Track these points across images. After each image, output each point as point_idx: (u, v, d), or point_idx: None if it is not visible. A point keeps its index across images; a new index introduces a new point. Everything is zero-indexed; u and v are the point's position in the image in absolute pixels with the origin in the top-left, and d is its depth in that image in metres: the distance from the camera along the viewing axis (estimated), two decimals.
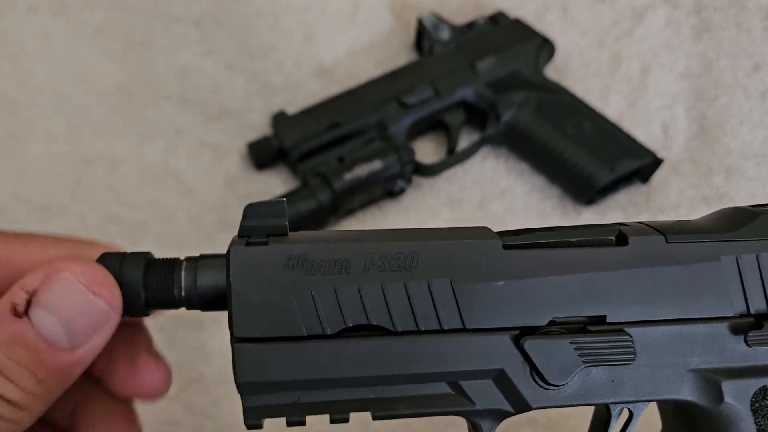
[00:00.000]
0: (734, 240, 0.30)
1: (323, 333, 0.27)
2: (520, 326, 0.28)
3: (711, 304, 0.29)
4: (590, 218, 0.68)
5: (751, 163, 0.70)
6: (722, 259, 0.30)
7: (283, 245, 0.28)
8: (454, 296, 0.28)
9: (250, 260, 0.27)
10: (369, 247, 0.28)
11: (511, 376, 0.28)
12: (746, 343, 0.29)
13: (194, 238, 0.68)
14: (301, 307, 0.27)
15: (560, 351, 0.28)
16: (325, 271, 0.27)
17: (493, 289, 0.28)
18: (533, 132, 0.68)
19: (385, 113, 0.69)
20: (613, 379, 0.29)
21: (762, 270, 0.30)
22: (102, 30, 0.79)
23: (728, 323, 0.30)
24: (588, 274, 0.29)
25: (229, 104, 0.75)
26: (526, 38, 0.73)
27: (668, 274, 0.29)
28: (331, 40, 0.79)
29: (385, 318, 0.27)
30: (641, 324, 0.29)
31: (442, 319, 0.28)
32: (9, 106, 0.74)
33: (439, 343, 0.28)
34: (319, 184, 0.65)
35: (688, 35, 0.78)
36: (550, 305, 0.29)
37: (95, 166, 0.71)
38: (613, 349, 0.28)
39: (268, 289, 0.27)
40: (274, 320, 0.27)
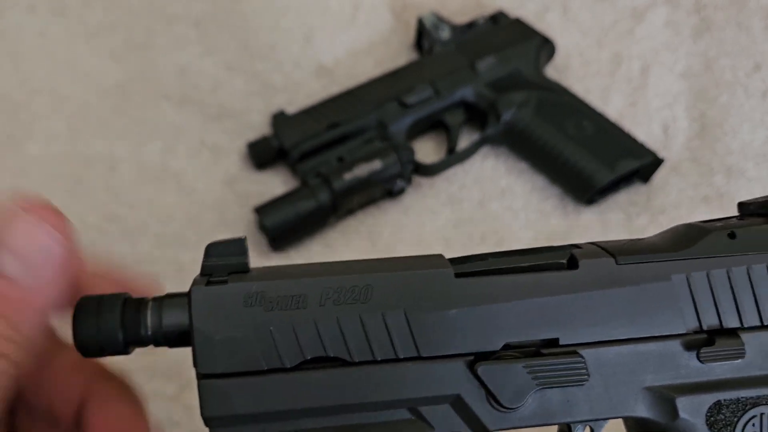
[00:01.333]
0: (684, 258, 0.31)
1: (283, 366, 0.28)
2: (474, 352, 0.29)
3: (663, 323, 0.30)
4: (590, 218, 0.68)
5: (752, 162, 0.70)
6: (672, 278, 0.30)
7: (242, 283, 0.29)
8: (408, 326, 0.29)
9: (210, 299, 0.28)
10: (324, 282, 0.29)
11: (468, 401, 0.29)
12: (699, 359, 0.30)
13: (193, 238, 0.68)
14: (261, 343, 0.28)
15: (513, 375, 0.29)
16: (282, 306, 0.28)
17: (446, 317, 0.29)
18: (533, 132, 0.68)
19: (385, 113, 0.69)
20: (568, 399, 0.30)
21: (712, 287, 0.30)
22: (101, 30, 0.79)
23: (681, 340, 0.30)
24: (539, 298, 0.29)
25: (229, 104, 0.75)
26: (527, 38, 0.73)
27: (619, 295, 0.30)
28: (331, 40, 0.79)
29: (342, 349, 0.28)
30: (594, 345, 0.30)
31: (398, 348, 0.29)
32: (8, 106, 0.74)
33: (395, 372, 0.29)
34: (319, 183, 0.65)
35: (689, 35, 0.78)
36: (503, 330, 0.29)
37: (95, 166, 0.71)
38: (566, 370, 0.29)
39: (228, 327, 0.28)
40: (236, 356, 0.28)
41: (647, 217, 0.68)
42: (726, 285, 0.31)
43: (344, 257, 0.66)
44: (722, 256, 0.31)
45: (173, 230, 0.68)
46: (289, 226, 0.64)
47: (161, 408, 0.60)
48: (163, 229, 0.68)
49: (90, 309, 0.30)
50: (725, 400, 0.30)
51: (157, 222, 0.68)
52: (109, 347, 0.29)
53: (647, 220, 0.68)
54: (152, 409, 0.60)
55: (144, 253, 0.67)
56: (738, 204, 0.34)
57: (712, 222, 0.33)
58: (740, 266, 0.31)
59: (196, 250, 0.70)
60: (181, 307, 0.29)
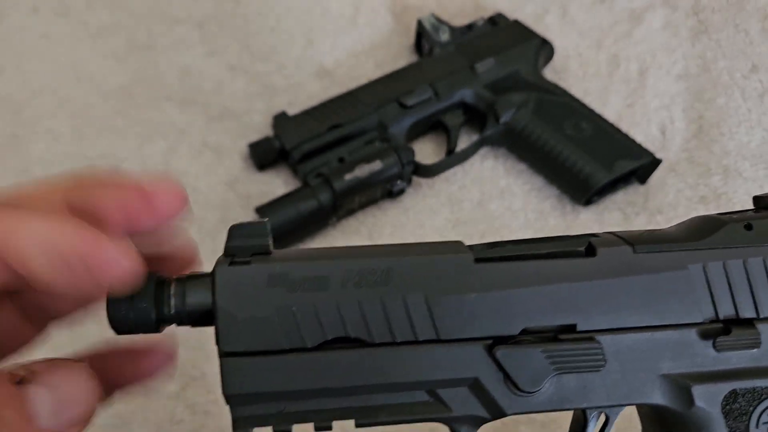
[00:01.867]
0: (701, 249, 0.31)
1: (304, 346, 0.28)
2: (492, 336, 0.30)
3: (680, 311, 0.30)
4: (588, 218, 0.69)
5: (749, 163, 0.71)
6: (689, 267, 0.30)
7: (266, 264, 0.29)
8: (428, 309, 0.29)
9: (234, 279, 0.29)
10: (346, 264, 0.29)
11: (486, 384, 0.29)
12: (715, 348, 0.30)
13: (196, 238, 0.68)
14: (283, 322, 0.28)
15: (531, 359, 0.29)
16: (305, 287, 0.29)
17: (466, 301, 0.29)
18: (532, 132, 0.68)
19: (385, 114, 0.70)
20: (585, 385, 0.30)
21: (729, 277, 0.31)
22: (104, 31, 0.79)
23: (697, 329, 0.30)
24: (558, 284, 0.30)
25: (231, 105, 0.75)
26: (525, 39, 0.74)
27: (636, 283, 0.30)
28: (331, 42, 0.79)
29: (363, 331, 0.29)
30: (611, 332, 0.30)
31: (417, 331, 0.29)
32: (11, 107, 0.75)
33: (414, 354, 0.29)
34: (320, 184, 0.66)
35: (686, 36, 0.79)
36: (522, 315, 0.30)
37: (97, 167, 0.72)
38: (584, 356, 0.29)
39: (251, 306, 0.28)
40: (258, 335, 0.28)
41: (645, 218, 0.68)
42: (742, 275, 0.31)
43: None
44: (739, 247, 0.31)
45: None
46: (291, 226, 0.65)
47: (163, 406, 0.60)
48: None
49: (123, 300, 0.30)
50: (741, 390, 0.31)
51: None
52: (141, 327, 0.30)
53: (645, 221, 0.68)
54: (154, 407, 0.61)
55: None
56: (753, 198, 0.34)
57: (729, 214, 0.33)
58: (757, 257, 0.31)
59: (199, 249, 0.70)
60: (205, 286, 0.29)
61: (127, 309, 0.29)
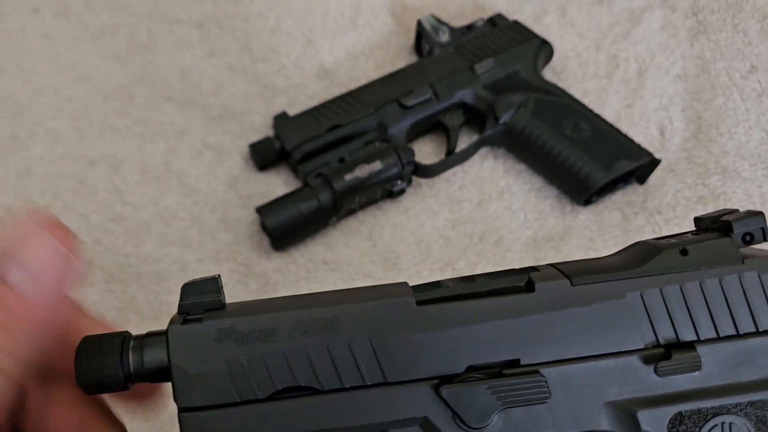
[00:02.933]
0: (638, 276, 0.31)
1: (256, 397, 0.29)
2: (438, 375, 0.30)
3: (621, 339, 0.31)
4: (588, 218, 0.69)
5: (748, 163, 0.71)
6: (627, 295, 0.31)
7: (215, 320, 0.30)
8: (374, 352, 0.30)
9: (186, 336, 0.30)
10: (293, 315, 0.30)
11: (436, 423, 0.30)
12: (657, 373, 0.30)
13: (196, 238, 0.68)
14: (234, 375, 0.29)
15: (477, 396, 0.30)
16: (253, 340, 0.30)
17: (410, 343, 0.30)
18: (531, 133, 0.69)
19: (385, 115, 0.70)
20: (532, 418, 0.30)
21: (666, 302, 0.31)
22: (104, 32, 0.80)
23: (639, 355, 0.31)
24: (499, 321, 0.31)
25: (231, 105, 0.76)
26: (525, 40, 0.74)
27: (576, 314, 0.31)
28: (331, 43, 0.79)
29: (312, 379, 0.30)
30: (554, 363, 0.31)
31: (365, 375, 0.30)
32: (12, 107, 0.75)
33: (364, 398, 0.30)
34: (320, 184, 0.66)
35: (685, 37, 0.79)
36: (466, 353, 0.30)
37: (98, 167, 0.72)
38: (529, 389, 0.30)
39: (203, 361, 0.29)
40: (212, 389, 0.29)
41: (644, 218, 0.69)
42: (680, 300, 0.31)
43: (345, 257, 0.67)
44: (675, 272, 0.32)
45: (176, 230, 0.69)
46: (291, 227, 0.65)
47: (164, 405, 0.60)
48: (166, 229, 0.69)
49: (92, 349, 0.31)
50: (686, 411, 0.31)
51: (161, 222, 0.69)
52: (111, 385, 0.31)
53: (644, 221, 0.68)
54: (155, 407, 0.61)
55: (147, 252, 0.67)
56: (694, 219, 0.35)
57: (668, 238, 0.34)
58: (693, 281, 0.31)
59: (200, 250, 0.71)
60: (161, 345, 0.30)
61: (96, 368, 0.30)
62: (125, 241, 0.68)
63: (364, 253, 0.68)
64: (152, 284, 0.66)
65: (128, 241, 0.68)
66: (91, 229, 0.69)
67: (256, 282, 0.67)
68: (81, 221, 0.69)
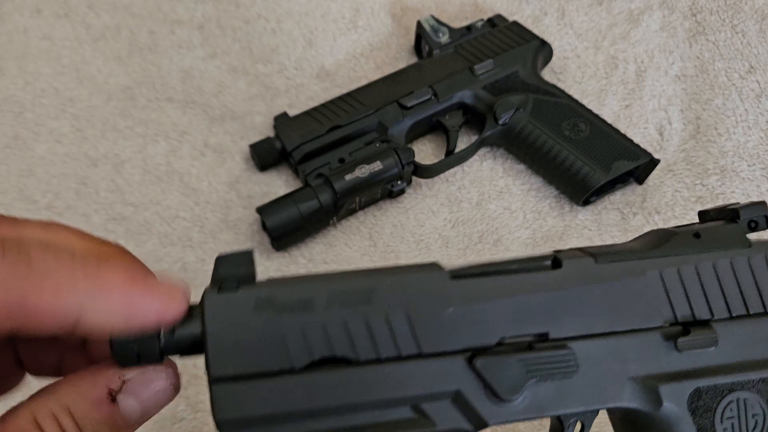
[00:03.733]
0: (656, 257, 0.33)
1: (293, 367, 0.29)
2: (471, 347, 0.31)
3: (642, 316, 0.32)
4: (586, 218, 0.69)
5: (746, 163, 0.71)
6: (647, 274, 0.33)
7: (252, 290, 0.30)
8: (410, 324, 0.30)
9: (222, 306, 0.29)
10: (330, 286, 0.30)
11: (467, 395, 0.31)
12: (676, 348, 0.32)
13: (197, 238, 0.69)
14: (271, 345, 0.29)
15: (509, 368, 0.31)
16: (292, 309, 0.29)
17: (445, 316, 0.31)
18: (530, 133, 0.69)
19: (385, 115, 0.70)
20: (559, 391, 0.31)
21: (684, 282, 0.33)
22: (106, 33, 0.80)
23: (659, 332, 0.32)
24: (529, 296, 0.32)
25: (232, 106, 0.76)
26: (524, 41, 0.74)
27: (600, 291, 0.32)
28: (332, 44, 0.80)
29: (349, 349, 0.30)
30: (581, 338, 0.32)
31: (400, 347, 0.30)
32: (14, 108, 0.75)
33: (399, 369, 0.30)
34: (321, 184, 0.66)
35: (684, 38, 0.79)
36: (498, 327, 0.31)
37: (100, 167, 0.72)
38: (558, 362, 0.31)
39: (240, 331, 0.29)
40: (247, 359, 0.29)
41: (642, 218, 0.69)
42: (695, 279, 0.33)
43: (346, 257, 0.68)
44: (690, 254, 0.33)
45: (178, 230, 0.69)
46: (291, 226, 0.65)
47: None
48: (167, 229, 0.69)
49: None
50: (704, 387, 0.32)
51: (162, 222, 0.69)
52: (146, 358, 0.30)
53: (642, 221, 0.69)
54: None
55: (149, 252, 0.68)
56: (699, 213, 0.37)
57: (683, 227, 0.35)
58: (707, 262, 0.33)
59: (201, 250, 0.71)
60: (195, 316, 0.30)
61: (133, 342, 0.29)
62: (127, 241, 0.68)
63: (364, 252, 0.69)
64: None
65: (130, 240, 0.68)
66: (93, 229, 0.69)
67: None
68: (83, 221, 0.69)
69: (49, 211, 0.70)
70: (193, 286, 0.69)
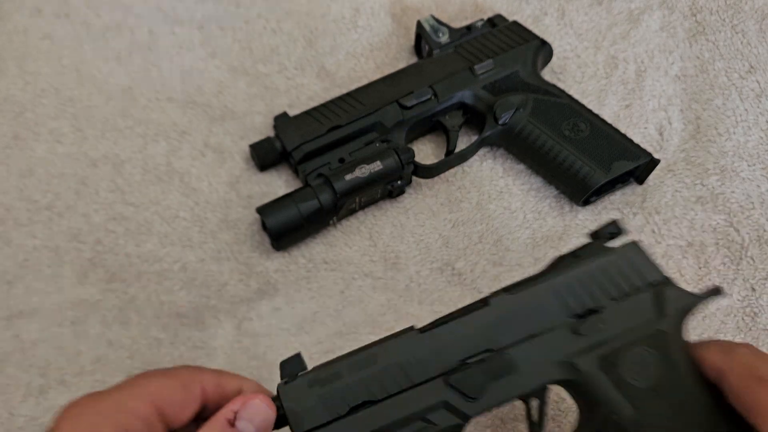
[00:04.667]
0: (551, 278, 0.48)
1: (339, 415, 0.45)
2: (444, 371, 0.46)
3: (550, 318, 0.47)
4: (586, 218, 0.69)
5: (746, 163, 0.71)
6: (546, 291, 0.47)
7: (305, 377, 0.46)
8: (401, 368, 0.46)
9: (290, 390, 0.46)
10: (349, 360, 0.46)
11: (452, 402, 0.45)
12: (580, 333, 0.46)
13: (197, 238, 0.69)
14: (324, 405, 0.45)
15: (472, 377, 0.45)
16: (330, 381, 0.45)
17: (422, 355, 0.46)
18: (530, 133, 0.69)
19: (385, 115, 0.70)
20: (510, 382, 0.46)
21: (571, 288, 0.47)
22: (107, 33, 0.80)
23: (565, 325, 0.47)
24: (473, 329, 0.47)
25: (232, 106, 0.76)
26: (524, 41, 0.74)
27: (518, 311, 0.47)
28: (332, 44, 0.80)
29: (369, 394, 0.45)
30: (513, 345, 0.46)
31: (400, 383, 0.45)
32: (14, 107, 0.75)
33: (404, 397, 0.45)
34: (321, 184, 0.66)
35: (684, 37, 0.80)
36: (456, 353, 0.46)
37: (100, 167, 0.72)
38: (503, 365, 0.46)
39: (304, 402, 0.45)
40: (312, 418, 0.45)
41: (642, 218, 0.69)
42: (579, 284, 0.48)
43: (346, 257, 0.68)
44: (573, 269, 0.48)
45: (177, 230, 0.69)
46: (291, 227, 0.66)
47: None
48: (167, 229, 0.69)
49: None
50: (606, 352, 0.46)
51: (162, 221, 0.69)
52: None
53: (642, 221, 0.69)
54: None
55: (148, 252, 0.68)
56: (590, 234, 0.51)
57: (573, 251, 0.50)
58: (583, 269, 0.48)
59: (201, 250, 0.71)
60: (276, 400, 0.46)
61: None
62: (126, 241, 0.68)
63: (365, 252, 0.69)
64: (153, 284, 0.67)
65: (129, 240, 0.68)
66: (93, 229, 0.69)
67: (256, 281, 0.67)
68: (82, 221, 0.69)
69: (49, 211, 0.70)
70: (193, 286, 0.69)
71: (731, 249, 0.67)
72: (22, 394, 0.62)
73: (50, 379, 0.63)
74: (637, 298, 0.47)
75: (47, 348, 0.64)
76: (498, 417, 0.60)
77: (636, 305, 0.46)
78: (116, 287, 0.66)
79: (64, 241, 0.68)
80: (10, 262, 0.67)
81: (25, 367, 0.63)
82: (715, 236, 0.68)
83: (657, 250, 0.67)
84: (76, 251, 0.68)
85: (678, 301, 0.46)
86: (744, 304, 0.65)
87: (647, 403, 0.44)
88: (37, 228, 0.69)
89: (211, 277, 0.67)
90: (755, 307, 0.65)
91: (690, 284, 0.66)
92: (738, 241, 0.68)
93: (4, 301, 0.66)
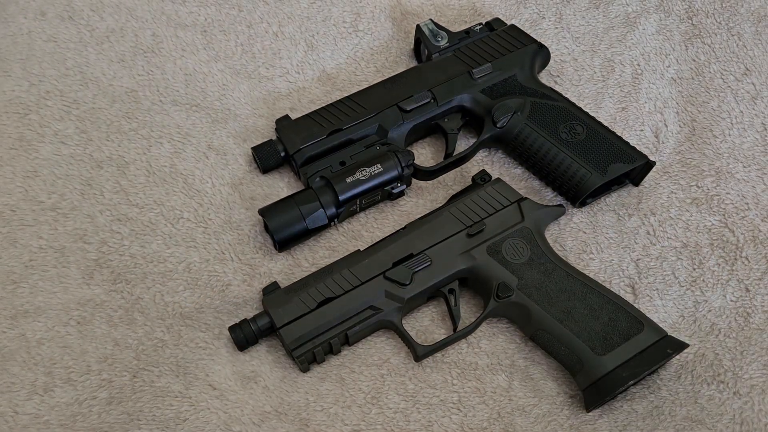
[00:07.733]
0: (449, 207, 0.68)
1: (310, 309, 0.63)
2: (382, 271, 0.64)
3: (452, 228, 0.66)
4: (582, 219, 0.70)
5: (741, 165, 0.72)
6: (449, 215, 0.67)
7: (281, 289, 0.65)
8: (351, 272, 0.64)
9: (272, 299, 0.64)
10: (313, 275, 0.65)
11: (390, 290, 0.64)
12: (470, 236, 0.66)
13: (201, 239, 0.70)
14: (297, 305, 0.63)
15: (401, 271, 0.64)
16: (301, 288, 0.64)
17: (365, 263, 0.65)
18: (528, 136, 0.70)
19: (385, 118, 0.71)
20: (428, 273, 0.65)
21: (465, 211, 0.67)
22: (110, 35, 0.81)
23: (462, 232, 0.66)
24: (398, 242, 0.66)
25: (235, 109, 0.77)
26: (522, 45, 0.75)
27: (429, 228, 0.66)
28: (333, 48, 0.81)
29: (331, 292, 0.63)
30: (428, 248, 0.65)
31: (351, 283, 0.64)
32: (20, 109, 0.76)
33: (356, 292, 0.64)
34: (322, 187, 0.67)
35: (680, 40, 0.80)
36: (390, 258, 0.65)
37: (104, 168, 0.73)
38: (422, 261, 0.65)
39: (283, 304, 0.63)
40: (290, 313, 0.63)
41: (638, 219, 0.70)
42: (469, 207, 0.68)
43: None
44: (460, 200, 0.69)
45: (181, 231, 0.70)
46: (293, 228, 0.66)
47: (169, 405, 0.62)
48: (171, 230, 0.70)
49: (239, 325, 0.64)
50: (490, 243, 0.66)
51: (166, 222, 0.70)
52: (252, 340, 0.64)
53: (638, 222, 0.70)
54: (160, 406, 0.62)
55: (153, 252, 0.69)
56: (471, 178, 0.71)
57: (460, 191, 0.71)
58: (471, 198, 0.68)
59: (204, 250, 0.72)
60: (262, 315, 0.64)
61: (245, 332, 0.64)
62: (131, 242, 0.69)
63: None
64: (158, 284, 0.67)
65: (134, 241, 0.69)
66: (98, 229, 0.70)
67: (259, 282, 0.68)
68: (87, 222, 0.70)
69: (54, 211, 0.71)
70: (197, 286, 0.70)
71: (726, 249, 0.68)
72: (27, 393, 0.63)
73: (55, 378, 0.63)
74: (506, 210, 0.67)
75: (53, 347, 0.65)
76: (495, 411, 0.61)
77: (506, 214, 0.67)
78: (121, 287, 0.67)
79: (70, 241, 0.69)
80: (16, 262, 0.68)
81: (30, 366, 0.64)
82: (710, 237, 0.69)
83: (652, 251, 0.68)
84: (81, 252, 0.69)
85: (532, 208, 0.67)
86: (737, 305, 0.66)
87: (525, 273, 0.64)
88: (42, 228, 0.70)
89: (215, 278, 0.68)
90: (749, 308, 0.65)
91: (684, 286, 0.67)
92: (733, 241, 0.68)
93: (10, 300, 0.67)
